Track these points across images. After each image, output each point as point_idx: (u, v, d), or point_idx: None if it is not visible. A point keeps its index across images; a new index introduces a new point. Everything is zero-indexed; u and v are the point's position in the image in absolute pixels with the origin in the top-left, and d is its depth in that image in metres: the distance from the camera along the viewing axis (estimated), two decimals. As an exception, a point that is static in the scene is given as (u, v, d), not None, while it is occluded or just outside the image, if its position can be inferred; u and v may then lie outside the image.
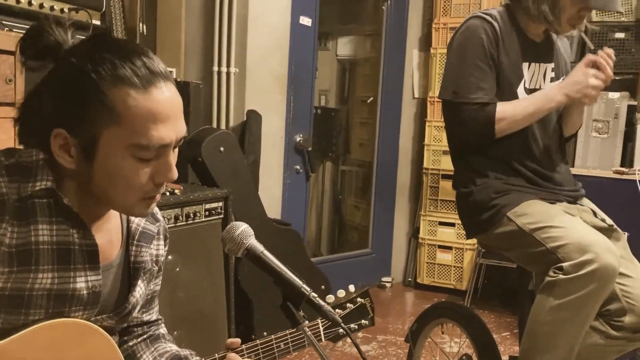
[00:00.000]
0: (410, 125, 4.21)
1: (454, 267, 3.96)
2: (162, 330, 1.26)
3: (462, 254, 3.92)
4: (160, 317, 1.26)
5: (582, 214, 1.77)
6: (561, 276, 1.53)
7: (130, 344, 1.20)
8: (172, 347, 1.21)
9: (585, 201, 1.86)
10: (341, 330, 1.21)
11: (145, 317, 1.22)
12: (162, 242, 1.18)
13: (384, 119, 4.09)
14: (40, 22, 0.97)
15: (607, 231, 1.74)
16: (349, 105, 4.70)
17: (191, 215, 2.27)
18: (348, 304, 1.24)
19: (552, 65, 1.87)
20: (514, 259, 1.78)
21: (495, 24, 1.75)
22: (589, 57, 1.72)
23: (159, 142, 0.92)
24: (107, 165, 0.92)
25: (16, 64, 1.52)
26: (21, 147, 1.00)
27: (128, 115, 0.90)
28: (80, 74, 0.91)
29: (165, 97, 0.92)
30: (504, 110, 1.72)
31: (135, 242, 1.10)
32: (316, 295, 0.95)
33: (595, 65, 1.70)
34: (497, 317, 3.58)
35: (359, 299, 1.24)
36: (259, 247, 0.98)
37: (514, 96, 1.77)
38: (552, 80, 1.87)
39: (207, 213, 2.35)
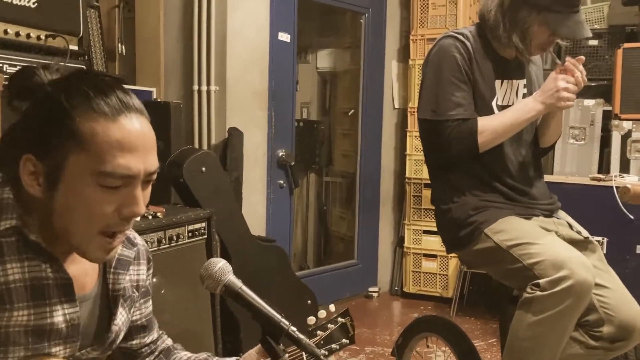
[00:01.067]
0: (391, 136, 4.25)
1: (440, 274, 4.00)
2: (169, 341, 1.27)
3: (447, 262, 3.96)
4: (161, 331, 1.27)
5: (558, 227, 1.81)
6: (538, 293, 1.56)
7: None
8: (187, 354, 1.23)
9: (562, 214, 1.89)
10: (323, 350, 1.22)
11: (148, 340, 1.23)
12: (142, 267, 1.18)
13: (365, 130, 4.12)
14: (30, 66, 1.00)
15: (582, 243, 1.78)
16: (330, 117, 4.74)
17: (174, 237, 2.28)
18: (329, 325, 1.25)
19: (524, 81, 1.91)
20: (492, 275, 1.82)
21: (468, 43, 1.78)
22: (557, 67, 1.76)
23: (125, 171, 0.92)
24: (71, 192, 0.92)
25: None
26: None
27: (94, 142, 0.91)
28: (52, 102, 0.93)
29: (134, 127, 0.93)
30: (485, 123, 1.75)
31: (112, 270, 1.10)
32: (295, 329, 0.97)
33: (564, 72, 1.74)
34: (483, 323, 3.61)
35: (339, 319, 1.26)
36: (237, 283, 1.00)
37: (490, 111, 1.80)
38: (524, 96, 1.90)
39: (190, 234, 2.36)
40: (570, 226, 1.83)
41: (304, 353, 1.15)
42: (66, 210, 0.94)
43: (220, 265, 1.00)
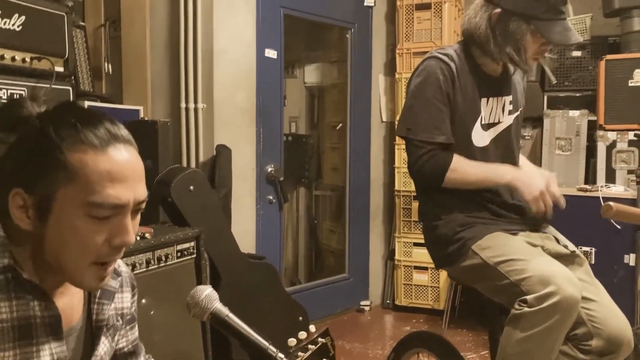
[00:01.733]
0: (380, 149, 4.26)
1: (431, 287, 4.00)
2: None
3: (438, 274, 3.96)
4: (147, 355, 1.27)
5: (545, 241, 1.82)
6: (526, 309, 1.57)
7: None
8: None
9: (549, 228, 1.91)
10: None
11: None
12: (127, 294, 1.17)
13: (354, 143, 4.13)
14: (17, 98, 0.99)
15: (569, 257, 1.79)
16: (319, 130, 4.75)
17: (163, 257, 2.26)
18: (310, 345, 1.24)
19: (510, 97, 1.93)
20: (481, 291, 1.82)
21: (452, 64, 1.80)
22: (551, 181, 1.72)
23: (115, 201, 0.92)
24: (61, 224, 0.93)
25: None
26: None
27: (84, 173, 0.91)
28: (41, 134, 0.93)
29: (123, 157, 0.94)
30: (460, 163, 1.76)
31: (97, 300, 1.10)
32: (283, 356, 0.96)
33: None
34: (475, 335, 3.61)
35: (320, 339, 1.25)
36: (224, 311, 1.00)
37: (467, 136, 1.82)
38: (510, 112, 1.92)
39: (178, 254, 2.35)
40: (557, 240, 1.84)
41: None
42: (57, 242, 0.94)
43: (207, 292, 1.00)
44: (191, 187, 2.58)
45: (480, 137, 1.84)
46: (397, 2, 3.98)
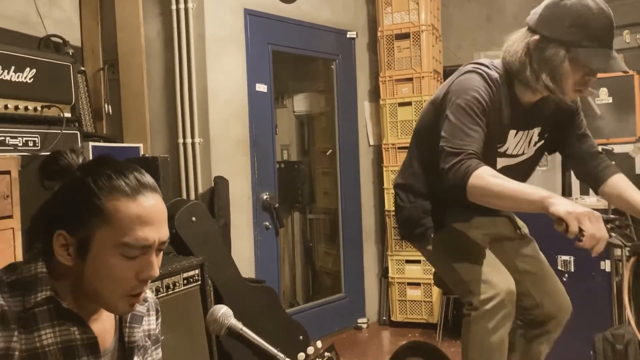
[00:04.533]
0: (369, 172, 4.46)
1: (424, 302, 4.16)
2: None
3: (430, 289, 4.13)
4: None
5: (499, 226, 2.00)
6: (473, 313, 1.78)
7: None
8: None
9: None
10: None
11: None
12: (152, 317, 1.33)
13: (343, 167, 4.33)
14: (58, 150, 1.16)
15: (519, 238, 2.01)
16: (310, 156, 4.94)
17: (171, 285, 2.43)
18: (317, 359, 1.40)
19: (539, 129, 1.87)
20: (442, 277, 2.01)
21: (494, 88, 1.74)
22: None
23: (143, 242, 1.09)
24: (98, 261, 1.09)
25: (12, 182, 1.69)
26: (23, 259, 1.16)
27: (118, 218, 1.07)
28: (81, 184, 1.10)
29: (150, 204, 1.11)
30: (489, 172, 1.61)
31: (127, 324, 1.26)
32: (289, 361, 1.13)
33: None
34: (468, 346, 3.76)
35: (326, 353, 1.41)
36: (238, 325, 1.17)
37: (493, 155, 1.79)
38: (535, 144, 1.91)
39: (185, 281, 2.51)
40: (511, 222, 2.03)
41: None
42: (94, 276, 1.10)
43: (223, 311, 1.17)
44: (193, 218, 2.75)
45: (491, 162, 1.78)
46: (377, 33, 4.21)
